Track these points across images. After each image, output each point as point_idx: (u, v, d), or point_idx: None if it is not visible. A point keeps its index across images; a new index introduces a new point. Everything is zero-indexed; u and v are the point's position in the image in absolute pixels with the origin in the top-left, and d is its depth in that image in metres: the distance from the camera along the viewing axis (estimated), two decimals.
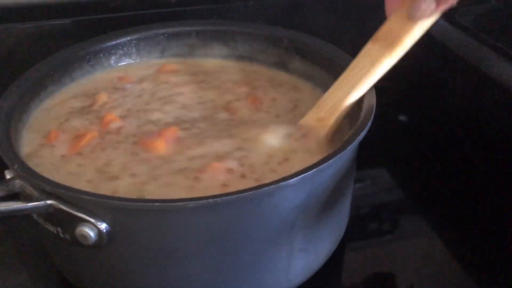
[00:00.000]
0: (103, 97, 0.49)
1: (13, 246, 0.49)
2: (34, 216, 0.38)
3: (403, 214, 0.54)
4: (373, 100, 0.42)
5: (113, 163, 0.42)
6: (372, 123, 0.40)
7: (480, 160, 0.58)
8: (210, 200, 0.33)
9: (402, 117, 0.70)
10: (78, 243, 0.35)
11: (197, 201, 0.33)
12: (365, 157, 0.57)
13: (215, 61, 0.56)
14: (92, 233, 0.34)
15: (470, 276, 0.46)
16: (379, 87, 0.44)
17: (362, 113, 0.41)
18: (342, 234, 0.46)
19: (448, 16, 0.66)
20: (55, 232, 0.36)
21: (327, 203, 0.39)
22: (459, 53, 0.61)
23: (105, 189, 0.39)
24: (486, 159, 0.58)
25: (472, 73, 0.60)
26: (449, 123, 0.64)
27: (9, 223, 0.51)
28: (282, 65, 0.54)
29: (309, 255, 0.41)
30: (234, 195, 0.33)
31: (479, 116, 0.61)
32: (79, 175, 0.41)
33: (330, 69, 0.49)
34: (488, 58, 0.59)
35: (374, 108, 0.41)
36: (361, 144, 0.45)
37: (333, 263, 0.46)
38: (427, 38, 0.66)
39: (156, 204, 0.33)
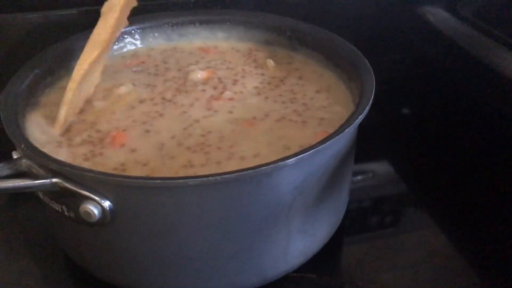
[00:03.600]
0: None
1: (20, 232, 0.50)
2: (40, 195, 0.39)
3: (405, 207, 0.54)
4: (372, 83, 0.43)
5: None
6: (374, 116, 0.41)
7: (483, 153, 0.58)
8: (210, 178, 0.34)
9: (404, 110, 0.70)
10: (82, 220, 0.36)
11: (196, 179, 0.34)
12: (367, 150, 0.58)
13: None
14: (96, 211, 0.35)
15: (473, 269, 0.46)
16: (382, 79, 0.45)
17: (362, 97, 0.42)
18: (341, 218, 0.47)
19: (449, 7, 0.66)
20: (59, 210, 0.37)
21: (326, 185, 0.40)
22: (461, 44, 0.61)
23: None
24: (489, 152, 0.58)
25: (474, 64, 0.60)
26: (452, 116, 0.64)
27: (16, 209, 0.52)
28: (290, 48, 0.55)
29: (307, 237, 0.42)
30: (234, 174, 0.34)
31: (482, 108, 0.61)
32: None
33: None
34: (490, 49, 0.59)
35: (373, 91, 0.42)
36: (364, 136, 0.46)
37: (332, 252, 0.46)
38: (429, 29, 0.67)
39: (157, 181, 0.34)
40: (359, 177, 0.56)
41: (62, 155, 0.41)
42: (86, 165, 0.40)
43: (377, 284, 0.45)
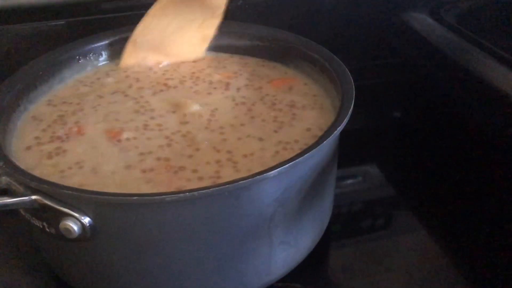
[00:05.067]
0: None
1: (6, 244, 0.50)
2: (22, 212, 0.39)
3: (395, 211, 0.54)
4: (351, 92, 0.42)
5: None
6: (362, 120, 0.41)
7: (470, 157, 0.58)
8: (187, 194, 0.34)
9: (393, 114, 0.70)
10: (63, 237, 0.36)
11: (174, 195, 0.34)
12: (356, 154, 0.58)
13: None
14: (75, 227, 0.35)
15: (462, 272, 0.47)
16: (371, 84, 0.45)
17: (341, 106, 0.41)
18: (325, 227, 0.47)
19: (433, 13, 0.66)
20: (41, 226, 0.38)
21: (307, 196, 0.40)
22: (445, 50, 0.62)
23: None
24: (476, 155, 0.58)
25: (457, 70, 0.61)
26: (439, 120, 0.64)
27: (3, 220, 0.52)
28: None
29: (290, 248, 0.42)
30: (211, 189, 0.34)
31: (466, 113, 0.62)
32: None
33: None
34: (473, 55, 0.59)
35: (353, 100, 0.42)
36: (352, 140, 0.45)
37: (319, 257, 0.47)
38: (414, 36, 0.67)
39: (134, 198, 0.34)
40: (348, 181, 0.56)
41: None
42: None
43: (367, 287, 0.45)
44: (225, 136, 0.44)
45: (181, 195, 0.34)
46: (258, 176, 0.35)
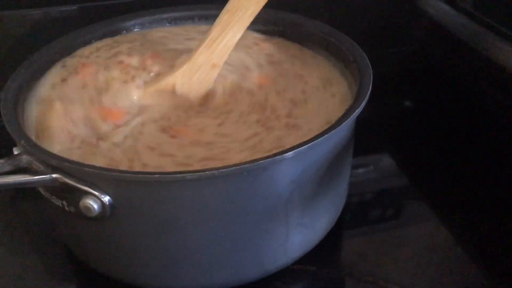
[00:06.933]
0: None
1: (23, 227, 0.51)
2: (41, 191, 0.39)
3: (406, 200, 0.54)
4: (369, 76, 0.42)
5: None
6: (375, 109, 0.41)
7: (484, 146, 0.58)
8: (207, 172, 0.34)
9: (405, 103, 0.70)
10: (83, 215, 0.37)
11: (194, 174, 0.34)
12: (368, 143, 0.58)
13: None
14: (95, 205, 0.36)
15: (475, 262, 0.46)
16: (383, 72, 0.45)
17: (359, 90, 0.41)
18: (340, 211, 0.47)
19: None
20: (60, 205, 0.38)
21: (323, 179, 0.40)
22: (461, 36, 0.61)
23: None
24: (490, 144, 0.58)
25: (473, 56, 0.60)
26: (453, 109, 0.64)
27: (19, 205, 0.53)
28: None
29: (306, 229, 0.42)
30: (231, 168, 0.34)
31: (483, 100, 0.61)
32: None
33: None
34: (490, 41, 0.58)
35: (371, 84, 0.42)
36: (364, 129, 0.45)
37: (332, 245, 0.47)
38: (429, 22, 0.66)
39: (156, 176, 0.34)
40: (360, 170, 0.56)
41: None
42: None
43: (378, 277, 0.45)
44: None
45: (202, 173, 0.34)
46: (276, 157, 0.35)
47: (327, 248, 0.46)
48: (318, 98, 0.46)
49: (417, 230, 0.50)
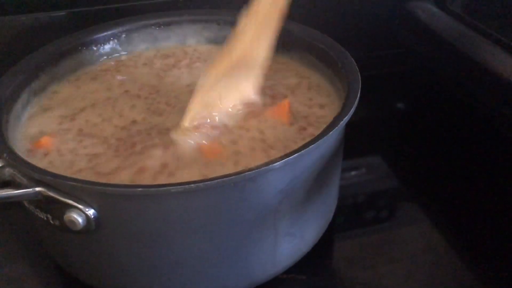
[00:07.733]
0: None
1: (10, 237, 0.50)
2: (25, 204, 0.39)
3: (398, 202, 0.54)
4: (357, 84, 0.42)
5: None
6: (366, 111, 0.40)
7: (474, 147, 0.58)
8: (192, 185, 0.33)
9: (397, 105, 0.70)
10: (67, 229, 0.36)
11: (179, 187, 0.33)
12: (360, 145, 0.58)
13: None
14: (80, 219, 0.35)
15: (466, 263, 0.46)
16: (375, 75, 0.44)
17: (347, 96, 0.41)
18: (330, 219, 0.46)
19: (438, 2, 0.66)
20: (45, 219, 0.37)
21: (312, 187, 0.40)
22: (450, 39, 0.61)
23: None
24: (481, 146, 0.58)
25: (463, 59, 0.60)
26: (443, 110, 0.64)
27: (6, 213, 0.52)
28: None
29: (295, 239, 0.42)
30: (216, 180, 0.34)
31: (472, 103, 0.61)
32: None
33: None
34: (479, 44, 0.58)
35: (359, 92, 0.41)
36: (356, 132, 0.45)
37: (323, 252, 0.46)
38: (419, 24, 0.66)
39: (139, 189, 0.34)
40: (352, 173, 0.56)
41: None
42: None
43: (371, 279, 0.45)
44: None
45: (186, 186, 0.33)
46: (263, 168, 0.35)
47: (317, 256, 0.45)
48: None
49: (409, 231, 0.50)
